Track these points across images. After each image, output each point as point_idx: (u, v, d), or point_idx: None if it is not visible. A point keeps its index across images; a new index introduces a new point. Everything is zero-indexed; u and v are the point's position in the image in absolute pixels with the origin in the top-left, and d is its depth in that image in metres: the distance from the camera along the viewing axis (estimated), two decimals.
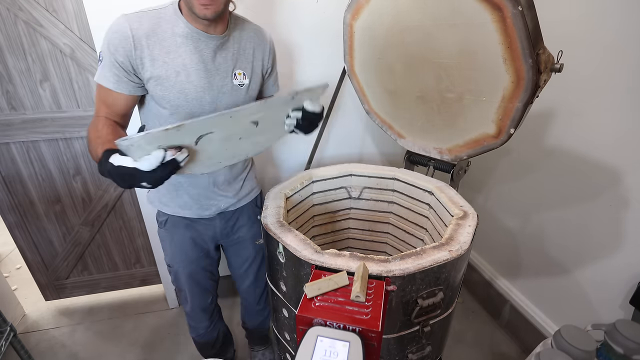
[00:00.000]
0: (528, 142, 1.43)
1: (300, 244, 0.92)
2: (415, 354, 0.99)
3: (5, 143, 1.45)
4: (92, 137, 0.84)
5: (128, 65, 0.85)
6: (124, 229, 1.74)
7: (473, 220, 1.00)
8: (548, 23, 0.97)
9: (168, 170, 0.69)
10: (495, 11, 0.87)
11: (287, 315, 1.05)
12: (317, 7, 1.39)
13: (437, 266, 0.84)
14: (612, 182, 1.13)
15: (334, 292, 0.75)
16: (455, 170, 1.26)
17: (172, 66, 0.87)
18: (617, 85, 1.09)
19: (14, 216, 1.58)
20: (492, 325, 1.70)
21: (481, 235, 1.67)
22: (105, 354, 1.58)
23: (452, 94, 1.11)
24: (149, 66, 0.85)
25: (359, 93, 1.44)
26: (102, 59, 0.85)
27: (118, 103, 0.89)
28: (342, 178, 1.37)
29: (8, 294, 1.72)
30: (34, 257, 1.69)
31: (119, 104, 0.90)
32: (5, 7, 1.26)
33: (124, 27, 0.83)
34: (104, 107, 0.90)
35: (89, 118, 1.47)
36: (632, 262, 1.10)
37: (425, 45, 1.10)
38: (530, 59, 0.86)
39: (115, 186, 1.62)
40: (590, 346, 0.90)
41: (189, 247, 1.12)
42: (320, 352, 0.62)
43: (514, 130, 0.98)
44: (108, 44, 0.84)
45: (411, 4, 1.08)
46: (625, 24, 1.04)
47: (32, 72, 1.37)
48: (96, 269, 1.80)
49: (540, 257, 1.45)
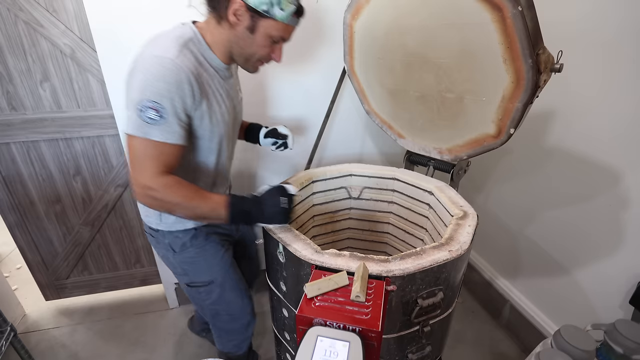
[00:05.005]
0: (528, 142, 1.43)
1: (300, 244, 0.92)
2: (415, 354, 0.99)
3: (5, 143, 1.45)
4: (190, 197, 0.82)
5: (186, 112, 0.82)
6: (124, 228, 1.74)
7: (473, 220, 1.00)
8: (548, 23, 0.97)
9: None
10: (495, 11, 0.87)
11: (287, 315, 1.05)
12: (317, 7, 1.39)
13: (437, 266, 0.84)
14: (612, 182, 1.13)
15: (334, 292, 0.75)
16: (455, 170, 1.26)
17: (214, 99, 0.88)
18: (617, 85, 1.09)
19: (14, 216, 1.58)
20: (492, 325, 1.69)
21: (481, 235, 1.67)
22: (105, 354, 1.58)
23: (452, 94, 1.11)
24: (199, 104, 0.83)
25: (359, 93, 1.44)
26: (162, 115, 0.77)
27: (177, 155, 0.83)
28: (342, 178, 1.37)
29: (8, 294, 1.72)
30: (34, 257, 1.69)
31: (178, 156, 0.84)
32: (6, 7, 1.26)
33: (181, 75, 0.77)
34: (160, 166, 0.80)
35: (89, 118, 1.47)
36: (632, 262, 1.10)
37: (425, 45, 1.11)
38: (530, 59, 0.86)
39: (116, 186, 1.63)
40: (590, 346, 0.90)
41: (221, 251, 1.08)
42: (320, 352, 0.62)
43: (514, 130, 0.98)
44: (169, 97, 0.77)
45: (411, 4, 1.08)
46: (625, 24, 1.04)
47: (32, 72, 1.37)
48: (96, 269, 1.81)
49: (540, 257, 1.45)
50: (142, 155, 0.79)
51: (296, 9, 0.82)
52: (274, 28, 0.82)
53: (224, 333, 1.20)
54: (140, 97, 0.76)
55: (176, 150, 0.83)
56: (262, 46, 0.85)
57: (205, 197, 0.85)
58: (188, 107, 0.81)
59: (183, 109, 0.80)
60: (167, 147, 0.80)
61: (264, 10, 0.78)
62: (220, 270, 1.07)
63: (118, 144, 1.54)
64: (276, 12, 0.79)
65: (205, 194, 0.86)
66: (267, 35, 0.83)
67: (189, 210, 0.83)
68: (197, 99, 0.82)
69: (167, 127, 0.79)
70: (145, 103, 0.75)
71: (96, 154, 1.55)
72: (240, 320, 1.16)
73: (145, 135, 0.77)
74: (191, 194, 0.83)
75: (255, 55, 0.88)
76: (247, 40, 0.84)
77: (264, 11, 0.78)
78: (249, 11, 0.79)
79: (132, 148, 0.80)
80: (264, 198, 0.89)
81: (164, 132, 0.78)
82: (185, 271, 1.06)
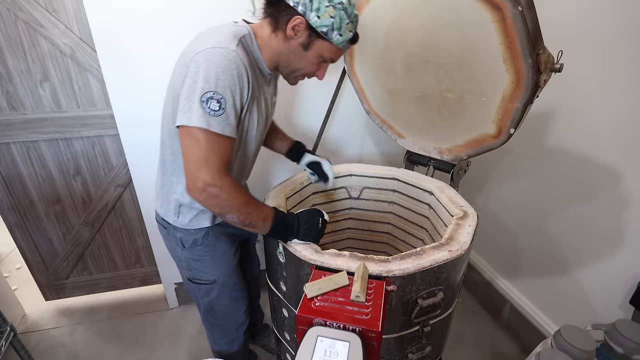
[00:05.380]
0: (528, 142, 1.43)
1: (300, 244, 0.92)
2: (415, 354, 0.99)
3: (5, 143, 1.45)
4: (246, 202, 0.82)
5: (241, 105, 0.82)
6: (124, 228, 1.74)
7: (473, 220, 1.00)
8: (548, 23, 0.97)
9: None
10: (495, 11, 0.87)
11: (287, 315, 1.05)
12: None
13: (437, 266, 0.84)
14: (612, 182, 1.13)
15: (334, 292, 0.75)
16: (455, 170, 1.26)
17: (256, 99, 0.88)
18: (617, 85, 1.09)
19: (14, 216, 1.58)
20: (492, 325, 1.69)
21: (481, 235, 1.67)
22: (105, 354, 1.58)
23: (452, 94, 1.11)
24: (248, 100, 0.83)
25: (359, 93, 1.44)
26: (223, 107, 0.76)
27: (232, 151, 0.82)
28: (342, 178, 1.37)
29: (8, 294, 1.72)
30: (34, 257, 1.69)
31: (232, 151, 0.82)
32: (6, 7, 1.26)
33: (241, 67, 0.77)
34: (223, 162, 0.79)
35: (89, 118, 1.47)
36: (632, 262, 1.10)
37: (425, 45, 1.10)
38: (530, 59, 0.86)
39: (116, 186, 1.63)
40: (590, 346, 0.90)
41: (230, 253, 1.08)
42: (320, 352, 0.62)
43: (514, 130, 0.98)
44: (231, 89, 0.76)
45: (411, 4, 1.08)
46: (625, 23, 1.04)
47: (32, 72, 1.37)
48: (96, 269, 1.80)
49: (540, 257, 1.45)
50: (206, 149, 0.76)
51: (353, 36, 0.85)
52: (327, 50, 0.84)
53: (215, 329, 1.21)
54: (203, 87, 0.74)
55: (231, 145, 0.81)
56: (311, 64, 0.88)
57: (258, 205, 0.86)
58: (243, 100, 0.81)
59: (240, 101, 0.80)
60: (226, 141, 0.79)
61: (323, 32, 0.80)
62: (225, 272, 1.08)
63: (118, 144, 1.54)
64: (334, 36, 0.81)
65: (257, 202, 0.87)
66: (319, 55, 0.86)
67: (242, 215, 0.82)
68: (249, 94, 0.82)
69: (226, 119, 0.77)
70: (209, 94, 0.74)
71: (96, 154, 1.55)
72: (234, 319, 1.17)
73: (209, 127, 0.75)
74: (247, 199, 0.83)
75: (301, 70, 0.90)
76: (298, 56, 0.86)
77: (322, 33, 0.80)
78: (308, 29, 0.81)
79: (194, 141, 0.76)
80: (304, 216, 0.92)
81: (223, 125, 0.77)
82: (190, 267, 1.06)
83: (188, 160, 0.78)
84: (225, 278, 1.08)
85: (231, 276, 1.10)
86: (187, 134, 0.77)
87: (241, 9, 1.33)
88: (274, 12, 0.82)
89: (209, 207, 0.82)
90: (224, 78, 0.75)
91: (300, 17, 0.79)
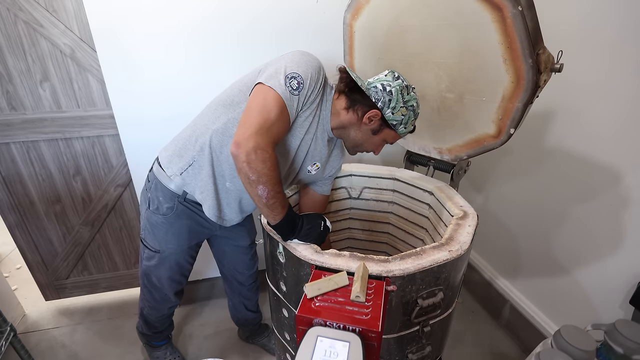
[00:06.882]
0: (528, 142, 1.43)
1: (300, 244, 0.92)
2: (415, 354, 0.99)
3: (5, 143, 1.45)
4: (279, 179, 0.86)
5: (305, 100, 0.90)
6: (124, 228, 1.74)
7: (473, 220, 1.00)
8: (548, 23, 0.97)
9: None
10: (495, 11, 0.87)
11: (287, 315, 1.05)
12: (317, 7, 1.39)
13: (437, 266, 0.84)
14: (612, 182, 1.13)
15: (334, 292, 0.75)
16: (455, 170, 1.26)
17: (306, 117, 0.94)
18: (617, 85, 1.09)
19: (14, 216, 1.58)
20: (492, 325, 1.70)
21: (481, 235, 1.67)
22: (105, 354, 1.58)
23: (452, 94, 1.11)
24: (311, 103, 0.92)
25: None
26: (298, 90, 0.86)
27: (284, 130, 0.89)
28: (342, 178, 1.37)
29: (8, 294, 1.72)
30: (34, 257, 1.69)
31: (284, 131, 0.89)
32: (6, 7, 1.26)
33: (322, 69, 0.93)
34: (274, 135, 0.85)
35: (89, 118, 1.47)
36: (632, 262, 1.10)
37: (425, 45, 1.10)
38: (530, 59, 0.86)
39: (116, 186, 1.63)
40: (590, 346, 0.90)
41: (185, 236, 1.14)
42: (320, 352, 0.62)
43: (514, 130, 0.98)
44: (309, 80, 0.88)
45: (411, 4, 1.08)
46: (625, 23, 1.04)
47: (32, 72, 1.37)
48: (96, 269, 1.80)
49: (540, 257, 1.45)
50: (269, 113, 0.82)
51: (413, 129, 1.02)
52: (391, 137, 1.01)
53: (146, 292, 1.28)
54: (291, 67, 0.86)
55: (286, 127, 0.89)
56: (375, 145, 1.04)
57: (283, 192, 0.91)
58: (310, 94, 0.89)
59: (308, 95, 0.89)
60: (286, 118, 0.87)
61: (393, 124, 0.96)
62: (171, 249, 1.14)
63: (118, 144, 1.54)
64: (401, 128, 0.98)
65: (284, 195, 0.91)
66: (383, 139, 1.03)
67: (272, 192, 0.85)
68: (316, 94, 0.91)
69: (295, 101, 0.87)
70: (293, 74, 0.86)
71: (96, 154, 1.55)
72: (163, 293, 1.26)
73: (283, 94, 0.84)
74: (280, 180, 0.88)
75: (364, 148, 1.05)
76: (366, 137, 1.01)
77: (392, 125, 0.96)
78: (381, 120, 0.96)
79: (264, 97, 0.83)
80: (307, 218, 0.96)
81: (291, 103, 0.86)
82: (145, 227, 1.14)
83: (250, 118, 0.82)
84: (169, 254, 1.15)
85: (175, 255, 1.16)
86: (262, 89, 0.85)
87: (242, 9, 1.34)
88: (356, 101, 0.96)
89: (248, 170, 0.81)
90: (308, 71, 0.88)
91: (377, 111, 0.94)
